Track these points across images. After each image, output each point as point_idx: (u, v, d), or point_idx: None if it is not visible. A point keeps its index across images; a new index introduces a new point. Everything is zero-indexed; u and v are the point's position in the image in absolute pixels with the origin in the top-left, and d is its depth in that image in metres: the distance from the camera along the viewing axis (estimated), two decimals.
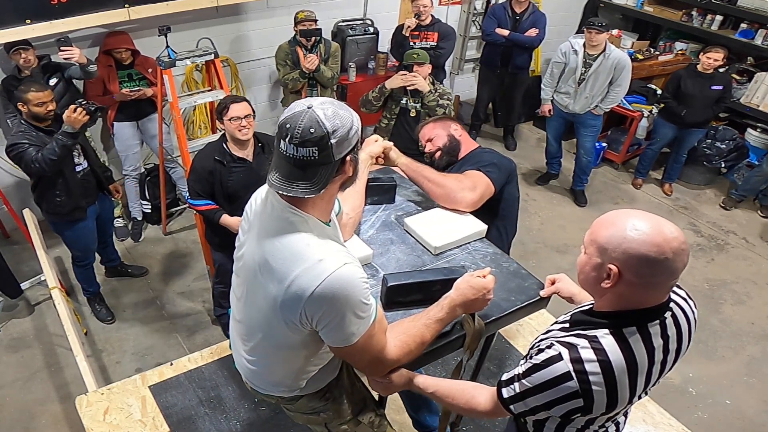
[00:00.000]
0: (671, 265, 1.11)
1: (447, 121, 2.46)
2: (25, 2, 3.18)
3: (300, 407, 1.65)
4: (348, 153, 1.24)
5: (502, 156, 2.33)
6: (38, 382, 3.10)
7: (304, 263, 1.23)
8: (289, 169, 1.21)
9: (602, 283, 1.17)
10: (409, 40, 4.40)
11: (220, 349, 2.63)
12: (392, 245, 1.95)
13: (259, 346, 1.49)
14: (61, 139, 2.75)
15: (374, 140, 2.05)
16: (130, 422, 2.27)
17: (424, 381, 1.51)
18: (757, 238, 4.68)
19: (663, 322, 1.23)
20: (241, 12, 4.32)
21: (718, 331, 3.70)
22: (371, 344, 1.34)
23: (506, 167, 2.25)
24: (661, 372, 1.27)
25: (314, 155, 1.19)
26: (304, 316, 1.26)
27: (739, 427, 3.09)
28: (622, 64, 4.32)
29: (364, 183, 1.91)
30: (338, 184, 1.31)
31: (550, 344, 1.24)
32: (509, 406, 1.32)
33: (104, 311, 3.50)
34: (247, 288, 1.44)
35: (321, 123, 1.17)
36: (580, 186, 4.98)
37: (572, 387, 1.18)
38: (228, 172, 2.71)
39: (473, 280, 1.50)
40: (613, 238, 1.14)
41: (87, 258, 3.34)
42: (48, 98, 2.80)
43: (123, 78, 3.75)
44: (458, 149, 2.37)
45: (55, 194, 2.95)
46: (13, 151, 2.77)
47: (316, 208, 1.30)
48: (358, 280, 1.26)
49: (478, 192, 2.09)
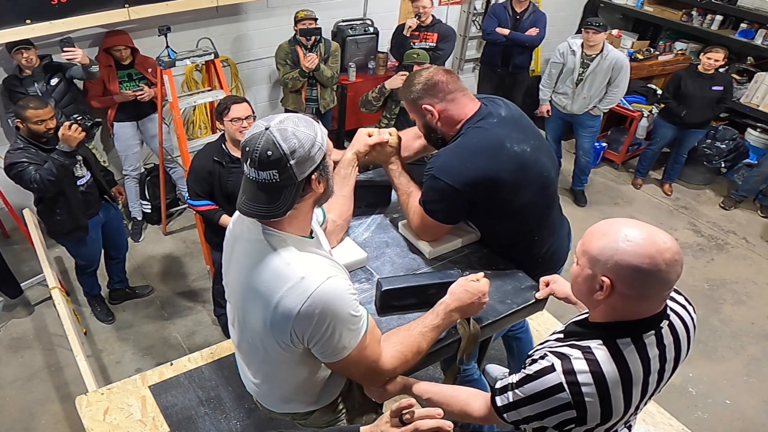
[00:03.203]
0: (665, 277, 1.10)
1: (422, 99, 1.78)
2: (25, 2, 3.17)
3: (314, 422, 1.64)
4: (313, 171, 1.20)
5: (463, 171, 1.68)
6: (38, 382, 3.10)
7: (287, 283, 1.21)
8: (254, 192, 1.19)
9: (595, 294, 1.16)
10: (410, 41, 4.40)
11: (220, 349, 2.63)
12: (387, 248, 1.94)
13: (261, 368, 1.49)
14: (58, 159, 2.63)
15: (366, 134, 1.85)
16: (130, 422, 2.27)
17: (419, 387, 1.51)
18: (757, 238, 4.67)
19: (659, 332, 1.21)
20: (241, 12, 4.32)
21: (718, 331, 3.70)
22: (365, 356, 1.33)
23: (459, 196, 1.70)
24: (659, 381, 1.25)
25: (275, 178, 1.16)
26: (294, 335, 1.25)
27: (739, 427, 3.09)
28: (619, 65, 4.31)
29: (352, 186, 1.81)
30: (310, 202, 1.27)
31: (543, 355, 1.24)
32: (503, 414, 1.32)
33: (104, 311, 3.49)
34: (237, 313, 1.42)
35: (278, 145, 1.14)
36: (580, 186, 4.99)
37: (564, 398, 1.17)
38: (227, 172, 2.71)
39: (468, 285, 1.50)
40: (605, 249, 1.12)
41: (91, 266, 3.30)
42: (48, 116, 2.70)
43: (123, 78, 3.75)
44: (440, 134, 1.83)
45: (55, 212, 2.88)
46: (12, 170, 2.67)
47: (292, 226, 1.27)
48: (345, 293, 1.24)
49: (429, 235, 1.87)
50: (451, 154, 1.73)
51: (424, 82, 1.76)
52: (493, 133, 1.73)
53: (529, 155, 1.75)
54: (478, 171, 1.68)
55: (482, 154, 1.69)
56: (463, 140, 1.75)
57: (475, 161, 1.68)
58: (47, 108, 2.73)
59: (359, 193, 1.87)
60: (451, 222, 1.82)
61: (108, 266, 3.48)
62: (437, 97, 1.76)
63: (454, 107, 1.77)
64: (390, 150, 1.87)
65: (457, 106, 1.77)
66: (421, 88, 1.77)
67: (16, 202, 3.87)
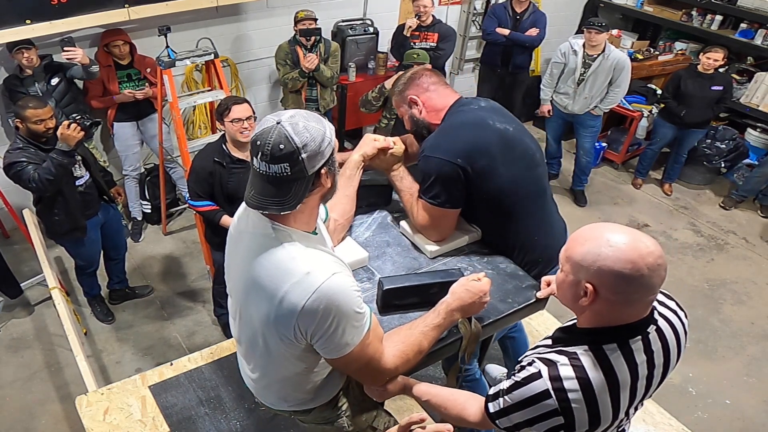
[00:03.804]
0: (648, 282, 1.10)
1: (407, 90, 1.90)
2: (25, 2, 3.17)
3: (313, 419, 1.65)
4: (323, 165, 1.22)
5: (450, 148, 1.73)
6: (38, 382, 3.10)
7: (292, 278, 1.21)
8: (264, 185, 1.20)
9: (580, 300, 1.16)
10: (410, 41, 4.41)
11: (220, 349, 2.63)
12: (388, 247, 1.94)
13: (260, 364, 1.49)
14: (56, 159, 2.62)
15: (372, 139, 1.90)
16: (130, 422, 2.27)
17: (418, 389, 1.51)
18: (757, 238, 4.68)
19: (646, 338, 1.21)
20: (241, 12, 4.32)
21: (718, 331, 3.70)
22: (367, 353, 1.33)
23: (454, 171, 1.73)
24: (648, 387, 1.25)
25: (286, 171, 1.17)
26: (298, 330, 1.25)
27: (739, 427, 3.09)
28: (621, 65, 4.32)
29: (355, 187, 1.83)
30: (317, 197, 1.29)
31: (531, 361, 1.24)
32: (495, 420, 1.32)
33: (104, 311, 3.49)
34: (240, 308, 1.43)
35: (290, 138, 1.15)
36: (580, 186, 4.99)
37: (551, 405, 1.17)
38: (228, 173, 2.71)
39: (469, 284, 1.50)
40: (587, 255, 1.12)
41: (91, 267, 3.29)
42: (47, 115, 2.69)
43: (122, 78, 3.76)
44: (426, 125, 1.89)
45: (53, 212, 2.87)
46: (11, 170, 2.67)
47: (297, 221, 1.28)
48: (349, 289, 1.25)
49: (437, 232, 1.87)
50: (438, 134, 1.83)
51: (410, 76, 1.92)
52: (475, 113, 1.85)
53: (512, 133, 1.84)
54: (466, 143, 1.76)
55: (468, 128, 1.80)
56: (447, 123, 1.85)
57: (461, 135, 1.78)
58: (46, 108, 2.72)
59: (360, 192, 1.88)
60: (452, 205, 1.81)
61: (107, 267, 3.48)
62: (422, 88, 1.89)
63: (437, 97, 1.89)
64: (394, 158, 1.92)
65: (440, 96, 1.89)
66: (407, 81, 1.91)
67: (16, 202, 3.87)
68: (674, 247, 4.49)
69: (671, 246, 4.49)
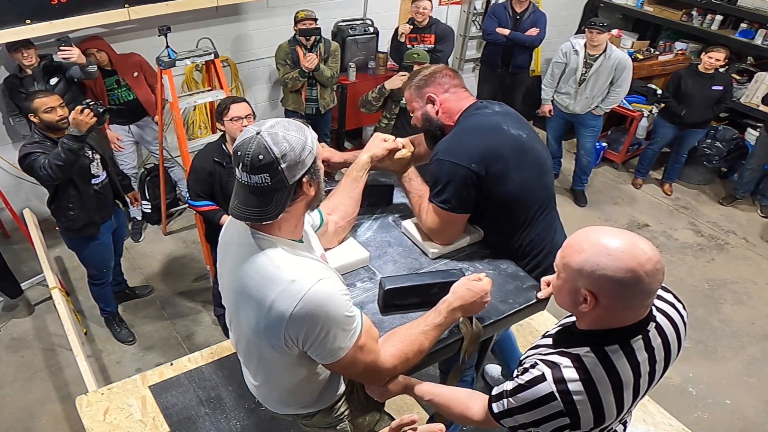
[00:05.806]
0: (647, 288, 1.11)
1: (427, 87, 1.87)
2: (25, 2, 3.17)
3: (317, 422, 1.64)
4: (304, 174, 1.21)
5: (463, 151, 1.73)
6: (38, 382, 3.10)
7: (278, 286, 1.21)
8: (246, 195, 1.20)
9: (580, 307, 1.17)
10: (407, 45, 4.39)
11: (220, 349, 2.63)
12: (389, 247, 1.94)
13: (259, 370, 1.49)
14: (67, 143, 2.55)
15: (382, 139, 1.84)
16: (130, 422, 2.27)
17: (420, 388, 1.51)
18: (757, 238, 4.68)
19: (646, 336, 1.22)
20: (241, 12, 4.32)
21: (718, 331, 3.70)
22: (362, 355, 1.33)
23: (466, 175, 1.72)
24: (650, 382, 1.26)
25: (266, 181, 1.17)
26: (288, 338, 1.25)
27: (739, 427, 3.09)
28: (623, 65, 4.32)
29: (360, 189, 1.80)
30: (302, 205, 1.28)
31: (534, 363, 1.24)
32: (500, 420, 1.33)
33: (125, 332, 3.37)
34: (233, 316, 1.43)
35: (269, 149, 1.15)
36: (580, 186, 4.99)
37: (557, 407, 1.18)
38: (228, 173, 2.71)
39: (470, 284, 1.50)
40: (586, 264, 1.12)
41: (104, 276, 3.19)
42: (56, 103, 2.67)
43: (112, 85, 3.72)
44: (439, 125, 1.89)
45: (68, 207, 2.83)
46: (25, 161, 2.64)
47: (283, 230, 1.28)
48: (336, 294, 1.24)
49: (444, 236, 1.86)
50: (452, 138, 1.81)
51: (432, 72, 1.88)
52: (490, 118, 1.83)
53: (525, 139, 1.83)
54: (480, 147, 1.75)
55: (482, 132, 1.78)
56: (462, 126, 1.83)
57: (476, 139, 1.76)
58: (53, 96, 2.71)
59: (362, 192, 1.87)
60: (463, 210, 1.80)
61: None
62: (442, 87, 1.87)
63: (455, 99, 1.87)
64: (404, 160, 1.89)
65: (457, 99, 1.87)
66: (428, 77, 1.88)
67: (17, 202, 3.87)
68: (674, 247, 4.49)
69: (671, 246, 4.49)
